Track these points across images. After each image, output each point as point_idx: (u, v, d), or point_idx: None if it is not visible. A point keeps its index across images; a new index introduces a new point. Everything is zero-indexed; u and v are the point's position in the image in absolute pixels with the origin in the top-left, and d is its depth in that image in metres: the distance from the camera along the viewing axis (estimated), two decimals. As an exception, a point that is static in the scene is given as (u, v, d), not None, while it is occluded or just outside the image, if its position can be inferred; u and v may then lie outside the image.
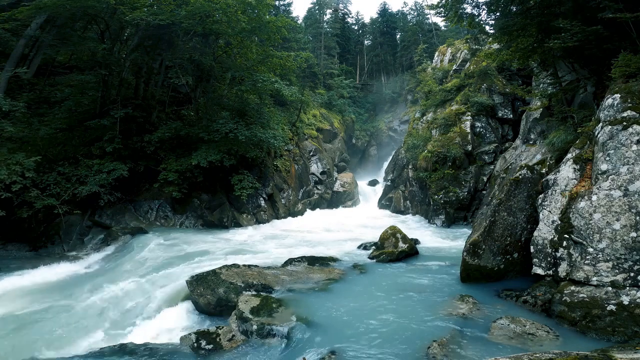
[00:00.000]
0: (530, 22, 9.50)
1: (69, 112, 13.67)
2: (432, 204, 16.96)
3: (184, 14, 13.45)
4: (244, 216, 16.01)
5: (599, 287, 5.60)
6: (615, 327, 5.12)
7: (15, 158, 10.42)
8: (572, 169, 6.82)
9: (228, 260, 9.55)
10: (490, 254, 7.37)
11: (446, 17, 12.92)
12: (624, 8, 7.37)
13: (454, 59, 24.08)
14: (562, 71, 11.07)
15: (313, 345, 5.17)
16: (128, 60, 14.66)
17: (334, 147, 28.39)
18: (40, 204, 10.92)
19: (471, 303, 6.32)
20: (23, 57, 13.47)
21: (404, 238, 10.32)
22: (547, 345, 4.91)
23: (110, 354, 5.38)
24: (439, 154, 17.30)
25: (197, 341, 5.57)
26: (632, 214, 5.57)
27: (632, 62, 6.80)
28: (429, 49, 35.87)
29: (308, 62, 27.82)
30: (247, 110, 16.57)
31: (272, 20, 16.51)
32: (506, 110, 18.23)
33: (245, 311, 6.15)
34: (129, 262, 9.96)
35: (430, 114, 20.76)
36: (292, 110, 24.41)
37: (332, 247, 11.83)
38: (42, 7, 11.61)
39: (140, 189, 14.40)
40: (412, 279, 8.03)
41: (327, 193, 23.55)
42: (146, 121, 14.95)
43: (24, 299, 7.72)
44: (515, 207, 7.59)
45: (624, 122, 6.06)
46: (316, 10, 43.50)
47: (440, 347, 4.83)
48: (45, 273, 9.36)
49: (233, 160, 14.70)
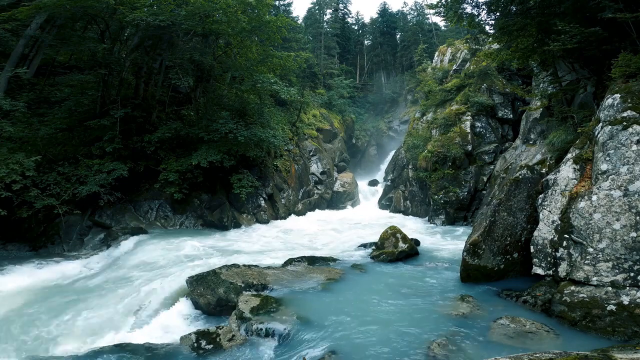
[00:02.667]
0: (530, 22, 9.50)
1: (69, 112, 13.66)
2: (432, 204, 16.96)
3: (184, 14, 13.45)
4: (244, 216, 16.01)
5: (599, 287, 5.60)
6: (615, 327, 5.12)
7: (15, 158, 10.41)
8: (572, 169, 6.82)
9: (228, 260, 9.54)
10: (490, 254, 7.37)
11: (446, 17, 12.91)
12: (624, 8, 7.37)
13: (454, 59, 24.09)
14: (562, 71, 11.07)
15: (313, 345, 5.17)
16: (128, 60, 14.66)
17: (334, 147, 28.38)
18: (40, 203, 10.92)
19: (471, 303, 6.32)
20: (23, 57, 13.45)
21: (404, 238, 10.32)
22: (547, 345, 4.91)
23: (110, 354, 5.37)
24: (439, 154, 17.31)
25: (197, 341, 5.56)
26: (632, 214, 5.57)
27: (632, 62, 6.80)
28: (429, 49, 35.87)
29: (308, 62, 27.83)
30: (247, 110, 16.57)
31: (272, 20, 16.50)
32: (506, 110, 18.24)
33: (245, 311, 6.15)
34: (129, 262, 9.96)
35: (430, 114, 20.76)
36: (292, 110, 24.40)
37: (332, 247, 11.84)
38: (42, 7, 11.60)
39: (140, 189, 14.40)
40: (412, 279, 8.03)
41: (327, 193, 23.54)
42: (146, 121, 14.94)
43: (23, 298, 7.72)
44: (515, 207, 7.59)
45: (624, 122, 6.06)
46: (316, 10, 43.50)
47: (440, 346, 4.83)
48: (45, 273, 9.36)
49: (233, 161, 14.70)
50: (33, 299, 7.67)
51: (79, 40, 13.55)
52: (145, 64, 15.50)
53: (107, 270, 9.64)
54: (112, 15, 13.74)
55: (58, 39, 13.53)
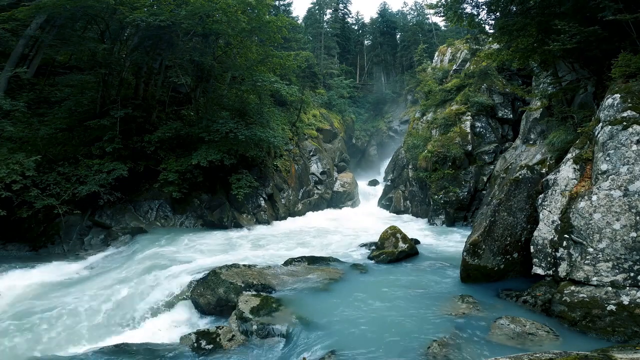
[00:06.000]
0: (530, 22, 9.50)
1: (69, 112, 13.65)
2: (432, 204, 16.96)
3: (184, 14, 13.45)
4: (244, 216, 16.00)
5: (599, 287, 5.60)
6: (615, 327, 5.12)
7: (15, 158, 10.42)
8: (572, 169, 6.81)
9: (228, 260, 9.54)
10: (490, 254, 7.37)
11: (446, 16, 12.92)
12: (624, 8, 7.37)
13: (454, 59, 24.08)
14: (562, 71, 11.07)
15: (313, 345, 5.17)
16: (128, 60, 14.65)
17: (334, 147, 28.37)
18: (40, 203, 10.91)
19: (471, 303, 6.32)
20: (23, 57, 13.46)
21: (404, 238, 10.32)
22: (547, 345, 4.91)
23: (110, 354, 5.37)
24: (439, 154, 17.30)
25: (197, 341, 5.56)
26: (632, 214, 5.57)
27: (632, 62, 6.80)
28: (429, 49, 35.86)
29: (308, 62, 27.81)
30: (247, 110, 16.56)
31: (272, 20, 16.49)
32: (506, 110, 18.23)
33: (245, 311, 6.15)
34: (129, 262, 9.96)
35: (430, 114, 20.76)
36: (292, 110, 24.40)
37: (332, 247, 11.84)
38: (42, 7, 11.61)
39: (140, 189, 14.39)
40: (412, 278, 8.03)
41: (327, 193, 23.53)
42: (146, 121, 14.94)
43: (23, 298, 7.72)
44: (515, 207, 7.59)
45: (624, 122, 6.06)
46: (316, 10, 43.51)
47: (440, 346, 4.83)
48: (45, 273, 9.36)
49: (233, 160, 14.69)
50: (33, 299, 7.66)
51: (79, 40, 13.56)
52: (145, 64, 15.50)
53: (107, 270, 9.64)
54: (112, 15, 13.75)
55: (58, 39, 13.53)
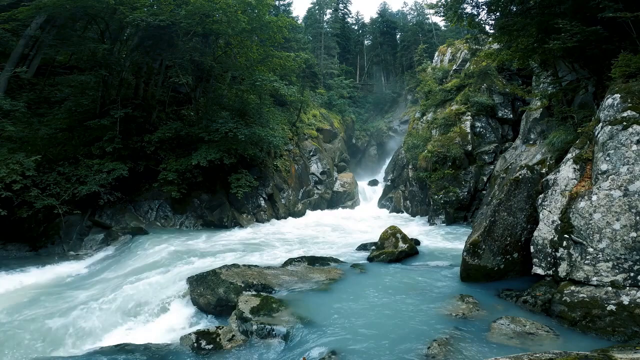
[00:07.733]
0: (530, 22, 9.50)
1: (69, 112, 13.66)
2: (432, 204, 16.95)
3: (183, 14, 13.46)
4: (244, 216, 16.00)
5: (599, 287, 5.59)
6: (615, 327, 5.11)
7: (15, 158, 10.42)
8: (572, 169, 6.81)
9: (228, 260, 9.54)
10: (490, 254, 7.36)
11: (446, 16, 12.91)
12: (624, 8, 7.36)
13: (454, 59, 24.08)
14: (562, 71, 11.07)
15: (313, 345, 5.16)
16: (128, 60, 14.66)
17: (334, 147, 28.37)
18: (40, 203, 10.92)
19: (471, 303, 6.31)
20: (23, 57, 13.46)
21: (404, 238, 10.31)
22: (547, 345, 4.91)
23: (110, 354, 5.37)
24: (439, 154, 17.30)
25: (197, 341, 5.56)
26: (632, 214, 5.56)
27: (632, 62, 6.79)
28: (429, 49, 35.86)
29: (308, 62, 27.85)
30: (247, 110, 16.58)
31: (272, 20, 16.51)
32: (506, 110, 18.23)
33: (245, 311, 6.14)
34: (129, 262, 9.96)
35: (430, 114, 20.76)
36: (292, 110, 24.42)
37: (332, 247, 11.83)
38: (42, 7, 11.61)
39: (140, 189, 14.40)
40: (412, 279, 8.02)
41: (327, 193, 23.54)
42: (146, 121, 14.95)
43: (23, 298, 7.72)
44: (515, 207, 7.58)
45: (624, 122, 6.05)
46: (316, 10, 43.52)
47: (440, 346, 4.82)
48: (45, 273, 9.38)
49: (233, 159, 14.70)
50: (32, 299, 7.66)
51: (79, 40, 13.56)
52: (145, 64, 15.52)
53: (107, 270, 9.64)
54: (112, 15, 13.76)
55: (58, 39, 13.53)
